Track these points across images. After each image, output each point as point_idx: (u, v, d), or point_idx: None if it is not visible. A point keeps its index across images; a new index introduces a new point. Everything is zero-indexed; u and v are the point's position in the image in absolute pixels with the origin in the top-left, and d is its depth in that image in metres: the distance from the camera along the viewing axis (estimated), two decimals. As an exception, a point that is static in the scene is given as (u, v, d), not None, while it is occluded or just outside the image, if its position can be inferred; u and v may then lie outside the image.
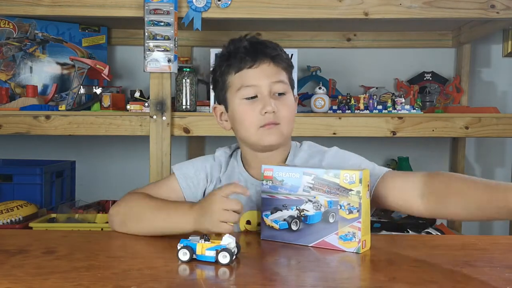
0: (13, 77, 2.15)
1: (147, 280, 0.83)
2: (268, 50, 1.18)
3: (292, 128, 1.21)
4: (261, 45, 1.19)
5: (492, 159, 2.53)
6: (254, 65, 1.16)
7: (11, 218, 1.85)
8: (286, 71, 1.20)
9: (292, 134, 1.23)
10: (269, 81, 1.16)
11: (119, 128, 1.85)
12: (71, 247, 1.02)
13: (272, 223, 1.07)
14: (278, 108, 1.15)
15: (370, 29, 2.41)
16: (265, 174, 1.07)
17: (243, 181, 1.22)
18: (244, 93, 1.16)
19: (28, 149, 2.43)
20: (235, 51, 1.19)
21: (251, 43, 1.20)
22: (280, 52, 1.20)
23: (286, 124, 1.17)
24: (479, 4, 1.83)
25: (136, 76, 2.39)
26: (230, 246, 0.91)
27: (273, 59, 1.17)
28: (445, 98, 2.34)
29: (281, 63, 1.18)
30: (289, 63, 1.22)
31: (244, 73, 1.17)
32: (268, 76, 1.16)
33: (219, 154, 1.28)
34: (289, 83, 1.21)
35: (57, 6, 1.82)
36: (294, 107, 1.23)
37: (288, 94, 1.19)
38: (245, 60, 1.16)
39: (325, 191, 1.00)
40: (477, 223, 2.54)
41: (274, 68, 1.17)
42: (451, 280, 0.84)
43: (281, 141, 1.18)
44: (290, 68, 1.23)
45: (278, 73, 1.18)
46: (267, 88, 1.16)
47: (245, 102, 1.16)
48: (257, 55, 1.16)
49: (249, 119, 1.16)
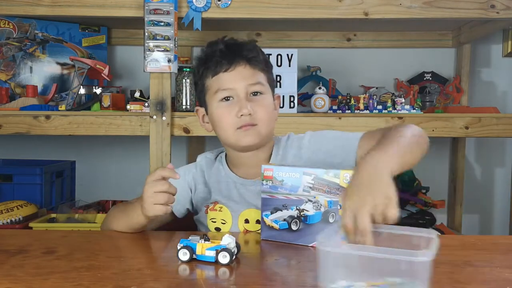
0: (13, 77, 2.15)
1: (147, 280, 0.83)
2: (244, 52, 1.19)
3: (271, 127, 1.22)
4: (237, 47, 1.20)
5: (492, 159, 2.53)
6: (229, 68, 1.18)
7: (11, 218, 1.85)
8: (263, 72, 1.21)
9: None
10: (246, 83, 1.17)
11: (119, 128, 1.85)
12: (71, 247, 1.03)
13: (272, 223, 1.07)
14: (254, 110, 1.16)
15: (370, 29, 2.41)
16: (265, 174, 1.07)
17: (231, 182, 1.25)
18: (220, 96, 1.18)
19: (28, 149, 2.43)
20: (211, 54, 1.20)
21: (227, 45, 1.21)
22: (257, 53, 1.20)
23: (264, 125, 1.18)
24: (479, 4, 1.83)
25: (136, 76, 2.39)
26: (230, 246, 0.91)
27: (249, 61, 1.19)
28: (445, 98, 2.34)
29: (257, 64, 1.20)
30: (267, 64, 1.23)
31: (220, 76, 1.18)
32: (244, 78, 1.18)
33: (200, 160, 1.31)
34: (268, 83, 1.23)
35: (57, 6, 1.82)
36: (273, 107, 1.24)
37: (266, 95, 1.21)
38: (221, 63, 1.18)
39: (325, 191, 1.00)
40: (477, 223, 2.54)
41: (251, 70, 1.19)
42: (451, 280, 0.84)
43: (259, 142, 1.19)
44: (268, 69, 1.24)
45: (255, 75, 1.19)
46: (243, 91, 1.17)
47: (222, 105, 1.19)
48: (233, 58, 1.18)
49: (226, 121, 1.18)
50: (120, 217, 1.19)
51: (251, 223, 1.19)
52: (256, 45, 1.23)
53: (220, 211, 1.22)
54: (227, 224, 1.21)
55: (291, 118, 1.85)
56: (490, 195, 2.53)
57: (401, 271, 0.70)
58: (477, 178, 2.54)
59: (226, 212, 1.22)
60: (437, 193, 2.41)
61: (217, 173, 1.27)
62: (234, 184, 1.24)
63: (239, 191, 1.23)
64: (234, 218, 1.21)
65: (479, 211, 2.54)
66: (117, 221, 1.20)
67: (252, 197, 1.21)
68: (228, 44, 1.21)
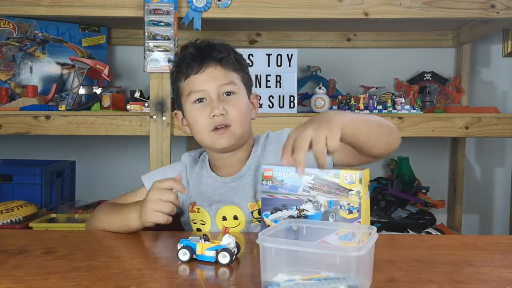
0: (13, 77, 2.15)
1: (147, 280, 0.83)
2: (214, 53, 1.19)
3: (246, 127, 1.22)
4: (208, 49, 1.20)
5: (492, 159, 2.53)
6: (200, 70, 1.18)
7: (11, 218, 1.85)
8: (236, 72, 1.22)
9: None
10: (217, 84, 1.18)
11: (119, 128, 1.85)
12: (71, 247, 1.03)
13: (272, 223, 1.07)
14: (227, 110, 1.17)
15: (370, 29, 2.41)
16: (265, 174, 1.07)
17: (211, 182, 1.25)
18: (193, 98, 1.19)
19: (28, 149, 2.43)
20: (182, 58, 1.22)
21: (197, 48, 1.21)
22: (227, 53, 1.20)
23: (238, 125, 1.18)
24: (479, 4, 1.83)
25: (136, 76, 2.39)
26: (230, 246, 0.91)
27: (219, 61, 1.19)
28: (445, 98, 2.34)
29: (229, 65, 1.20)
30: (240, 63, 1.23)
31: (192, 79, 1.19)
32: (215, 78, 1.18)
33: (184, 158, 1.32)
34: (243, 82, 1.23)
35: (57, 6, 1.82)
36: (248, 106, 1.23)
37: (239, 94, 1.21)
38: (192, 66, 1.19)
39: (325, 191, 1.00)
40: (477, 223, 2.54)
41: (222, 70, 1.19)
42: (451, 280, 0.84)
43: (234, 142, 1.19)
44: (241, 68, 1.23)
45: (227, 75, 1.19)
46: (215, 92, 1.18)
47: (195, 107, 1.19)
48: (203, 60, 1.19)
49: (200, 123, 1.19)
50: (111, 218, 1.18)
51: (229, 220, 1.21)
52: (227, 45, 1.23)
53: (198, 212, 1.23)
54: (206, 224, 1.22)
55: (291, 118, 1.85)
56: (490, 195, 2.53)
57: (337, 265, 0.74)
58: (477, 178, 2.54)
59: (203, 213, 1.23)
60: (437, 193, 2.41)
61: (199, 172, 1.28)
62: (215, 184, 1.25)
63: (220, 190, 1.24)
64: (212, 218, 1.22)
65: (479, 211, 2.54)
66: (108, 222, 1.19)
67: (231, 193, 1.22)
68: (198, 46, 1.21)
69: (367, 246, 0.75)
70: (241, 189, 1.22)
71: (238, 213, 1.21)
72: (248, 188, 1.21)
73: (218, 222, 1.21)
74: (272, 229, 0.85)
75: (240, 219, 1.20)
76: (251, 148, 1.26)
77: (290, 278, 0.77)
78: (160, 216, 1.07)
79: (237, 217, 1.20)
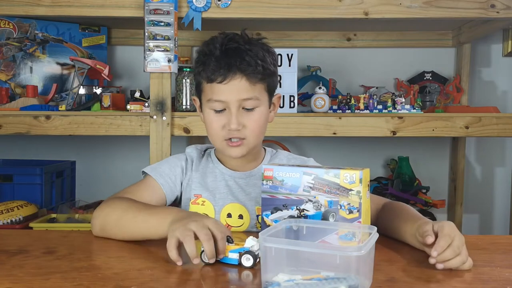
0: (13, 77, 2.15)
1: (147, 280, 0.83)
2: (243, 66, 1.12)
3: (260, 137, 1.20)
4: (237, 58, 1.12)
5: (492, 159, 2.53)
6: (224, 80, 1.12)
7: (11, 218, 1.85)
8: (262, 81, 1.15)
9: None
10: (239, 98, 1.13)
11: (119, 128, 1.85)
12: (71, 247, 1.02)
13: (272, 223, 1.07)
14: (245, 124, 1.14)
15: (370, 29, 2.41)
16: (265, 174, 1.07)
17: (219, 174, 1.24)
18: (212, 106, 1.16)
19: (28, 149, 2.43)
20: (209, 57, 1.14)
21: (226, 52, 1.13)
22: (255, 64, 1.12)
23: (253, 138, 1.17)
24: (479, 4, 1.82)
25: (136, 76, 2.39)
26: (253, 248, 0.90)
27: (246, 74, 1.12)
28: (445, 97, 2.34)
29: (255, 75, 1.13)
30: (267, 71, 1.15)
31: (214, 86, 1.14)
32: (238, 92, 1.13)
33: (190, 151, 1.30)
34: (268, 90, 1.18)
35: (57, 6, 1.82)
36: (266, 118, 1.20)
37: (260, 107, 1.16)
38: (216, 73, 1.12)
39: (325, 191, 1.00)
40: (477, 223, 2.54)
41: (246, 84, 1.13)
42: (451, 280, 0.84)
43: (246, 153, 1.18)
44: (268, 75, 1.17)
45: (250, 89, 1.13)
46: (235, 104, 1.13)
47: (213, 113, 1.16)
48: (229, 69, 1.11)
49: (214, 130, 1.17)
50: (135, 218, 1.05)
51: (234, 218, 1.20)
52: (258, 52, 1.15)
53: (202, 205, 1.22)
54: None
55: (291, 118, 1.86)
56: (490, 195, 2.53)
57: (337, 265, 0.75)
58: (477, 177, 2.54)
59: (208, 206, 1.21)
60: (437, 193, 2.41)
61: (205, 165, 1.26)
62: (223, 176, 1.24)
63: (227, 183, 1.23)
64: (216, 213, 1.21)
65: (479, 211, 2.54)
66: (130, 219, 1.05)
67: (239, 190, 1.22)
68: (227, 50, 1.13)
69: (367, 246, 0.76)
70: (250, 189, 1.22)
71: (244, 213, 1.20)
72: (257, 190, 1.19)
73: (222, 218, 1.20)
74: (272, 229, 0.85)
75: (245, 220, 1.20)
76: (260, 154, 1.27)
77: (290, 278, 0.77)
78: (188, 241, 0.89)
79: (243, 217, 1.20)
